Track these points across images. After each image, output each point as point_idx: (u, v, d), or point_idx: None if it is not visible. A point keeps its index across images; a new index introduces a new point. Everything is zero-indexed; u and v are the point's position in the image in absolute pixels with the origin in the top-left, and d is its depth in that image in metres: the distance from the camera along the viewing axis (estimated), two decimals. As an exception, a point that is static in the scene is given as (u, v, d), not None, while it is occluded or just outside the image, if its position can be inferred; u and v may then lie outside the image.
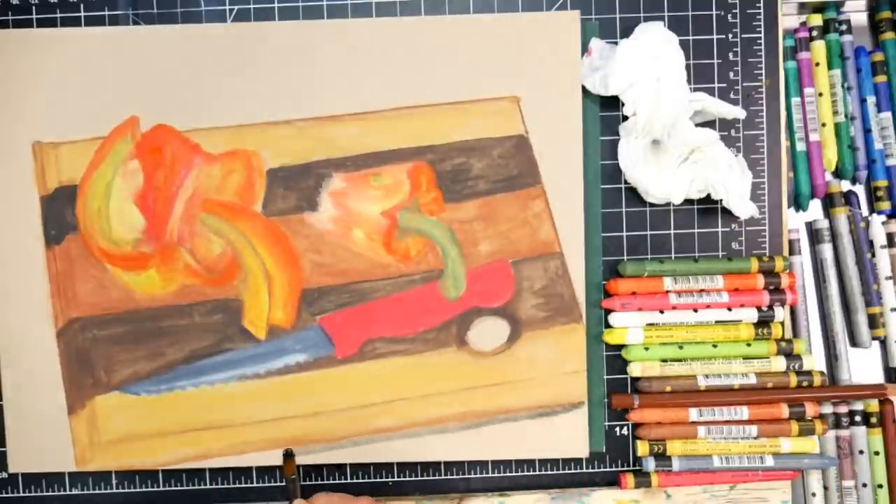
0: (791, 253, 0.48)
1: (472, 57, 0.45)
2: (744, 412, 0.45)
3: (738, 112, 0.44)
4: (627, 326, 0.46)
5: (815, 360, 0.46)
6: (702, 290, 0.45)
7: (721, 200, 0.45)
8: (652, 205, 0.47)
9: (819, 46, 0.48)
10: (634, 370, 0.46)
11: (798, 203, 0.49)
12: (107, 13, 0.46)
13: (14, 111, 0.45)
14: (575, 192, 0.45)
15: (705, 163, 0.44)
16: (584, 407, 0.46)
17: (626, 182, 0.47)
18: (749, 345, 0.46)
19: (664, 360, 0.46)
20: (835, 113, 0.48)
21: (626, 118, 0.45)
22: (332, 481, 0.47)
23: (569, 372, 0.45)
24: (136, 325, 0.45)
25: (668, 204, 0.46)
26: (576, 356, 0.46)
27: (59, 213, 0.45)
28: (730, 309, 0.46)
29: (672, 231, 0.47)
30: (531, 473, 0.47)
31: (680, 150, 0.44)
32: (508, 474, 0.47)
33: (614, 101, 0.45)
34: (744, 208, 0.44)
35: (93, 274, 0.45)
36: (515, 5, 0.46)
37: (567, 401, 0.45)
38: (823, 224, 0.49)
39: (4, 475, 0.47)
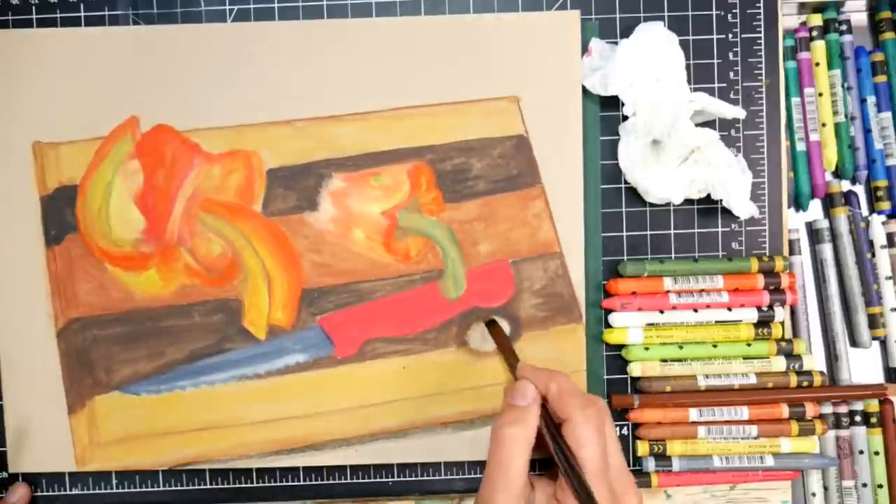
0: (791, 253, 0.48)
1: (472, 57, 0.45)
2: (744, 412, 0.45)
3: (738, 112, 0.44)
4: (627, 326, 0.46)
5: (815, 360, 0.46)
6: (702, 290, 0.45)
7: (721, 200, 0.45)
8: (652, 205, 0.47)
9: (819, 46, 0.48)
10: (634, 370, 0.46)
11: (798, 203, 0.49)
12: (107, 13, 0.46)
13: (14, 111, 0.45)
14: (575, 192, 0.45)
15: (705, 163, 0.44)
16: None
17: (626, 182, 0.47)
18: (749, 345, 0.46)
19: (664, 360, 0.46)
20: (835, 113, 0.48)
21: (626, 118, 0.45)
22: (331, 481, 0.47)
23: (569, 372, 0.45)
24: (136, 325, 0.45)
25: (668, 204, 0.46)
26: (576, 356, 0.46)
27: (59, 213, 0.45)
28: (730, 309, 0.46)
29: (672, 231, 0.47)
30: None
31: (680, 150, 0.44)
32: (508, 474, 0.47)
33: (614, 101, 0.45)
34: (744, 208, 0.44)
35: (93, 274, 0.45)
36: (515, 5, 0.46)
37: (567, 401, 0.45)
38: (823, 224, 0.49)
39: (4, 475, 0.47)
